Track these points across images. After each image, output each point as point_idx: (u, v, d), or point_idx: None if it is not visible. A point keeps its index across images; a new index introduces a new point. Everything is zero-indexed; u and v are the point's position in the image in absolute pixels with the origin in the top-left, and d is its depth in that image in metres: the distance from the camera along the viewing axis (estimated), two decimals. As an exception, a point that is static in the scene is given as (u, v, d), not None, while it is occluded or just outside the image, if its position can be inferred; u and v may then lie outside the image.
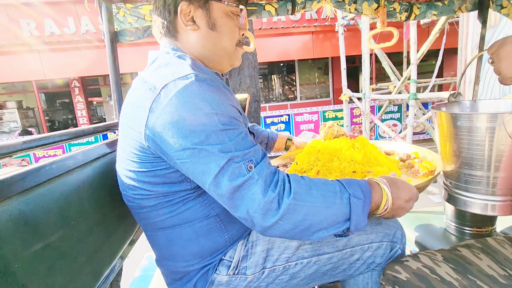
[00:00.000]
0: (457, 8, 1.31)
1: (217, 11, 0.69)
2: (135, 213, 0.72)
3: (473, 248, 0.73)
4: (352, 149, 0.96)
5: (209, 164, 0.54)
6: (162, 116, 0.55)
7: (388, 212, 0.65)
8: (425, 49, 3.89)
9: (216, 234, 0.70)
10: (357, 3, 1.20)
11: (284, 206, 0.54)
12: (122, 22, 1.14)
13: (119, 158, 0.70)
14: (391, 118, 6.32)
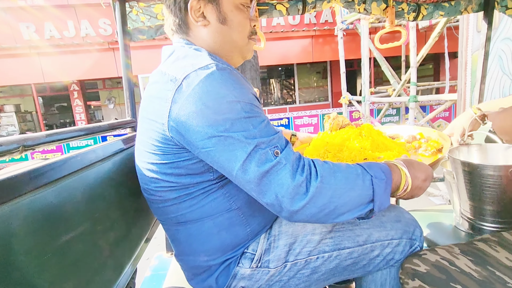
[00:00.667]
0: (463, 9, 1.33)
1: (227, 4, 0.69)
2: (156, 207, 0.72)
3: (489, 242, 0.73)
4: (360, 137, 0.96)
5: (235, 151, 0.54)
6: (185, 105, 0.55)
7: (407, 192, 0.65)
8: (424, 53, 3.95)
9: (237, 228, 0.70)
10: (366, 3, 1.22)
11: (312, 189, 0.54)
12: (135, 20, 1.15)
13: (139, 153, 0.70)
14: (390, 121, 6.38)
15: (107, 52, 6.88)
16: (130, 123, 1.08)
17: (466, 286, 0.61)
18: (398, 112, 6.30)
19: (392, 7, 1.23)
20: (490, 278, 0.62)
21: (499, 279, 0.61)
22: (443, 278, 0.63)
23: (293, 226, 0.75)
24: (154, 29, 1.14)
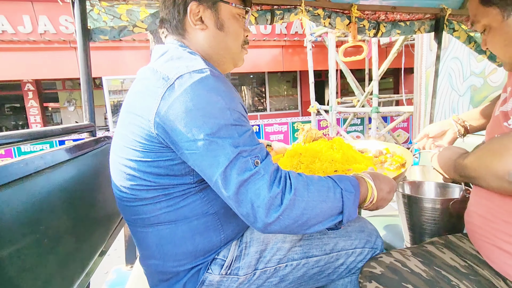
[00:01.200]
0: (417, 29, 1.46)
1: (225, 12, 0.72)
2: (126, 206, 0.68)
3: (437, 244, 0.79)
4: (331, 150, 1.00)
5: (218, 157, 0.55)
6: (175, 104, 0.55)
7: (373, 204, 0.68)
8: (385, 67, 4.23)
9: (212, 233, 0.69)
10: (331, 18, 1.29)
11: (285, 201, 0.55)
12: (96, 20, 1.09)
13: (117, 147, 0.67)
14: (355, 131, 6.70)
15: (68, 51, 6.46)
16: (87, 127, 1.02)
17: (415, 285, 0.65)
18: (362, 122, 6.65)
19: (354, 23, 1.30)
20: (436, 277, 0.66)
21: (444, 278, 0.66)
22: (396, 279, 0.67)
23: (265, 233, 0.75)
24: (118, 30, 1.10)
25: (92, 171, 0.87)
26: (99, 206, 0.89)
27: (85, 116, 1.06)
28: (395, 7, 1.37)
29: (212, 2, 0.70)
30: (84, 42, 1.04)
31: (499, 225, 0.64)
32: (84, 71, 1.04)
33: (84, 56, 1.04)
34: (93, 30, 1.08)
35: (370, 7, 1.34)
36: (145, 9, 1.12)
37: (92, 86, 1.07)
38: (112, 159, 0.69)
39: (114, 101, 7.31)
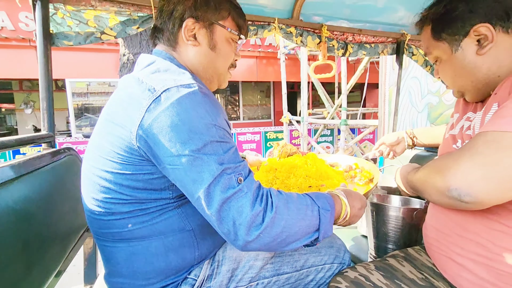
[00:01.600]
0: (380, 51, 1.57)
1: (220, 34, 0.73)
2: (97, 220, 0.64)
3: (398, 257, 0.84)
4: (305, 166, 1.03)
5: (202, 173, 0.54)
6: (160, 118, 0.54)
7: (346, 220, 0.70)
8: (353, 82, 4.46)
9: (186, 250, 0.67)
10: (303, 36, 1.34)
11: (267, 219, 0.55)
12: (60, 24, 1.03)
13: (91, 157, 0.63)
14: (325, 141, 6.93)
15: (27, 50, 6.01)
16: (46, 138, 0.95)
17: (377, 299, 0.68)
18: (332, 133, 6.90)
19: (324, 42, 1.37)
20: (396, 291, 0.70)
21: (404, 291, 0.70)
22: None
23: (237, 252, 0.74)
24: (84, 36, 1.05)
25: (50, 186, 0.81)
26: (57, 223, 0.82)
27: (43, 125, 0.99)
28: (361, 30, 1.46)
29: (208, 23, 0.71)
30: (45, 47, 0.97)
31: (453, 238, 0.69)
32: (44, 77, 0.97)
33: (44, 61, 0.97)
34: (56, 35, 1.02)
35: (339, 28, 1.42)
36: (115, 16, 1.08)
37: (52, 93, 1.00)
38: (85, 169, 0.66)
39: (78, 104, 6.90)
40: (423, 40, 0.80)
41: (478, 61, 0.68)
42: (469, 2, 0.66)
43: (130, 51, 3.24)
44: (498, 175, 0.53)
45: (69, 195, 0.92)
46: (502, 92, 0.63)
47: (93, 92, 7.27)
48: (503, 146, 0.53)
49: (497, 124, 0.56)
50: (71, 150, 1.02)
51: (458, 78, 0.74)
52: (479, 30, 0.65)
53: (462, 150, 0.61)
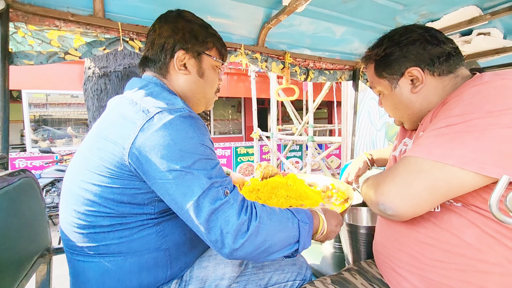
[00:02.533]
0: (339, 77, 1.72)
1: (207, 63, 0.82)
2: (75, 232, 0.65)
3: (352, 271, 0.90)
4: (286, 186, 1.09)
5: (192, 186, 0.59)
6: (153, 137, 0.59)
7: (323, 235, 0.76)
8: (319, 101, 4.70)
9: (160, 269, 0.69)
10: (268, 62, 1.43)
11: (251, 228, 0.61)
12: (21, 43, 1.01)
13: (77, 170, 0.67)
14: (294, 156, 7.12)
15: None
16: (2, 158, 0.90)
17: (331, 312, 0.73)
18: (301, 148, 7.13)
19: (287, 68, 1.47)
20: (348, 303, 0.76)
21: (354, 304, 0.76)
22: None
23: (204, 271, 0.76)
24: (46, 55, 1.03)
25: (2, 212, 0.77)
26: (9, 250, 0.78)
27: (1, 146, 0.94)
28: (321, 58, 1.59)
29: (197, 53, 0.79)
30: (3, 66, 0.94)
31: (393, 251, 0.78)
32: (1, 96, 0.94)
33: (2, 80, 0.94)
34: (16, 53, 0.99)
35: (300, 55, 1.54)
36: (80, 37, 1.08)
37: (8, 113, 0.96)
38: (68, 182, 0.69)
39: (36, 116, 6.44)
40: (368, 75, 0.91)
41: (412, 98, 0.79)
42: (403, 49, 0.78)
43: (96, 64, 3.16)
44: (410, 193, 0.64)
45: (23, 220, 0.88)
46: (425, 123, 0.74)
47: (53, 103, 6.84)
48: (414, 169, 0.64)
49: (412, 151, 0.67)
50: (27, 172, 0.97)
51: (397, 111, 0.85)
52: (412, 72, 0.77)
53: (388, 171, 0.71)
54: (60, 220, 0.71)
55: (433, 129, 0.65)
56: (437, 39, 0.76)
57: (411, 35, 0.78)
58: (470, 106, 0.61)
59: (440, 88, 0.76)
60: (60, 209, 0.71)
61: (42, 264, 1.06)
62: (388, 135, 3.45)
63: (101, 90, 3.15)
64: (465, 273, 0.63)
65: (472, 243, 0.62)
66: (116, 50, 3.11)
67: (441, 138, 0.62)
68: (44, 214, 1.04)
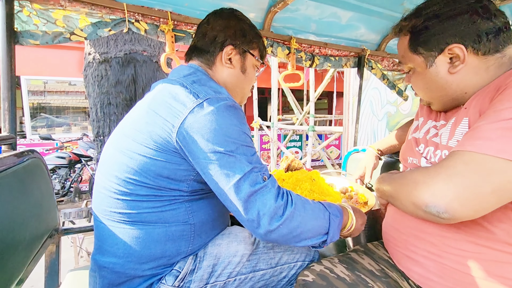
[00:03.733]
0: (344, 64, 1.70)
1: (249, 61, 0.88)
2: (111, 198, 0.70)
3: (358, 252, 0.92)
4: (310, 181, 1.10)
5: (234, 169, 0.63)
6: (201, 120, 0.63)
7: (349, 232, 0.79)
8: (320, 90, 4.68)
9: (183, 242, 0.73)
10: (273, 47, 1.41)
11: (287, 213, 0.64)
12: (26, 22, 0.99)
13: (123, 139, 0.71)
14: (294, 146, 7.14)
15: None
16: (7, 139, 0.90)
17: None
18: (301, 139, 7.14)
19: (293, 54, 1.46)
20: (356, 281, 0.77)
21: (363, 281, 0.77)
22: (324, 285, 0.75)
23: (218, 248, 0.79)
24: (51, 35, 1.01)
25: (12, 191, 0.77)
26: (18, 230, 0.79)
27: (4, 126, 0.94)
28: (326, 44, 1.58)
29: (243, 50, 0.85)
30: (9, 45, 0.93)
31: (409, 237, 0.77)
32: (7, 76, 0.93)
33: (7, 60, 0.93)
34: (21, 33, 0.98)
35: (306, 41, 1.52)
36: (85, 17, 1.06)
37: (15, 93, 0.96)
38: (112, 149, 0.72)
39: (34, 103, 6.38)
40: (399, 48, 0.81)
41: (449, 78, 0.71)
42: (446, 22, 0.68)
43: (96, 50, 3.11)
44: (475, 196, 0.55)
45: (33, 200, 0.88)
46: (472, 109, 0.66)
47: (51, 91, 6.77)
48: (480, 169, 0.55)
49: (475, 146, 0.57)
50: (35, 152, 0.97)
51: (428, 91, 0.78)
52: (453, 50, 0.68)
53: (439, 168, 0.62)
54: (95, 186, 0.76)
55: (498, 119, 0.56)
56: (489, 11, 0.66)
57: (458, 6, 0.68)
58: None
59: (482, 69, 0.68)
60: (98, 175, 0.76)
61: (51, 244, 1.07)
62: (389, 125, 3.45)
63: (101, 76, 3.12)
64: (487, 262, 0.63)
65: (502, 237, 0.61)
66: (116, 36, 3.08)
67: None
68: (52, 195, 1.05)
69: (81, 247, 2.61)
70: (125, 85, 3.19)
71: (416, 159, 0.82)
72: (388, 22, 1.51)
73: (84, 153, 4.48)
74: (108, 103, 3.18)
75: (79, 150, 4.52)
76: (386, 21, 1.51)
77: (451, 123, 0.72)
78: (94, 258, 0.75)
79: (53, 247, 1.09)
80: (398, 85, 2.00)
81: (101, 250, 0.73)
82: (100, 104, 3.19)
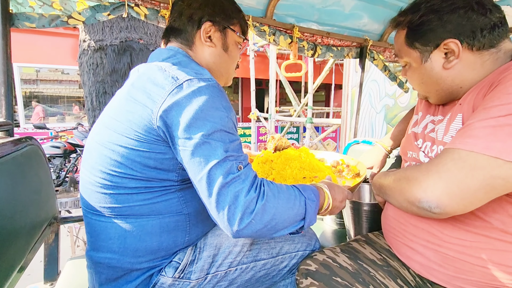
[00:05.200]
0: (346, 54, 1.68)
1: (231, 38, 0.83)
2: (99, 193, 0.67)
3: (360, 241, 0.93)
4: (300, 158, 1.07)
5: (208, 156, 0.59)
6: (181, 102, 0.59)
7: (327, 211, 0.76)
8: (318, 82, 4.66)
9: (179, 233, 0.71)
10: (276, 35, 1.39)
11: (258, 207, 0.60)
12: (21, 4, 0.95)
13: (104, 131, 0.67)
14: (291, 138, 7.15)
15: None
16: (3, 126, 0.88)
17: (343, 278, 0.75)
18: (298, 131, 7.15)
19: (295, 42, 1.43)
20: (359, 270, 0.78)
21: (365, 270, 0.78)
22: (327, 274, 0.76)
23: (218, 238, 0.78)
24: (48, 18, 0.98)
25: (10, 178, 0.76)
26: (19, 217, 0.77)
27: (0, 112, 0.91)
28: (329, 33, 1.55)
29: (222, 27, 0.80)
30: (4, 28, 0.90)
31: (408, 227, 0.78)
32: (3, 60, 0.90)
33: (3, 43, 0.90)
34: (17, 15, 0.94)
35: (309, 30, 1.50)
36: (83, 0, 1.03)
37: (12, 78, 0.93)
38: (94, 142, 0.69)
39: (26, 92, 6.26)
40: (396, 43, 0.82)
41: (443, 74, 0.72)
42: (443, 18, 0.69)
43: (91, 37, 3.04)
44: (462, 191, 0.58)
45: (31, 188, 0.87)
46: (466, 105, 0.68)
47: (44, 80, 6.64)
48: (466, 165, 0.57)
49: (464, 143, 0.59)
50: (33, 139, 0.95)
51: (424, 85, 0.79)
52: (448, 45, 0.69)
53: (430, 165, 0.64)
54: (81, 181, 0.72)
55: (487, 117, 0.57)
56: (484, 7, 0.67)
57: (455, 1, 0.68)
58: None
59: (478, 64, 0.69)
60: (82, 170, 0.72)
61: (51, 232, 1.06)
62: (387, 118, 3.46)
63: (97, 65, 3.05)
64: (485, 251, 0.64)
65: (498, 226, 0.62)
66: (112, 22, 3.00)
67: (501, 130, 0.55)
68: (51, 183, 1.03)
69: (77, 236, 2.61)
70: (121, 74, 3.13)
71: (415, 153, 0.82)
72: (391, 12, 1.49)
73: (79, 143, 4.43)
74: (103, 92, 3.12)
75: (74, 139, 4.47)
76: (390, 10, 1.49)
77: (447, 118, 0.73)
78: (89, 255, 0.73)
79: (52, 235, 1.08)
80: (399, 76, 1.99)
81: (95, 246, 0.71)
82: (95, 93, 3.13)
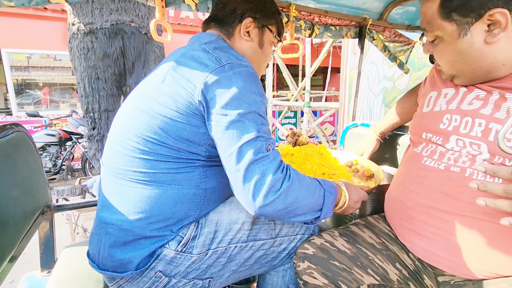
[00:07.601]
0: (344, 34, 1.62)
1: (267, 37, 0.89)
2: (127, 156, 0.70)
3: (359, 225, 0.92)
4: (319, 155, 1.10)
5: (241, 134, 0.63)
6: (222, 80, 0.65)
7: (342, 209, 0.79)
8: (316, 65, 4.57)
9: (192, 206, 0.73)
10: (271, 14, 1.32)
11: (284, 187, 0.64)
12: (-3, -20, 0.89)
13: (147, 100, 0.70)
14: (289, 123, 7.10)
15: None
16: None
17: (341, 261, 0.74)
18: (295, 115, 7.09)
19: (292, 22, 1.37)
20: (357, 253, 0.77)
21: (363, 254, 0.77)
22: (325, 258, 0.75)
23: (219, 215, 0.79)
24: (28, -4, 0.91)
25: (-4, 165, 0.73)
26: (6, 206, 0.75)
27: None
28: (327, 11, 1.49)
29: (262, 25, 0.86)
30: (-20, 6, 0.84)
31: (417, 213, 0.76)
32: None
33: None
34: (-7, -8, 0.87)
35: (306, 8, 1.43)
36: (65, -24, 0.96)
37: None
38: (134, 107, 0.73)
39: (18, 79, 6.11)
40: (424, 14, 0.71)
41: (485, 49, 0.64)
42: None
43: (80, 20, 2.92)
44: None
45: (20, 176, 0.84)
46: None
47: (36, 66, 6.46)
48: None
49: None
50: (19, 126, 0.91)
51: (458, 63, 0.69)
52: (494, 16, 0.60)
53: None
54: (109, 143, 0.76)
55: None
56: None
57: None
58: None
59: None
60: (112, 132, 0.75)
61: (44, 221, 1.04)
62: (385, 101, 3.42)
63: (88, 49, 2.95)
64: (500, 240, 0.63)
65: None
66: (101, 4, 2.88)
67: None
68: (42, 171, 1.00)
69: (76, 223, 2.61)
70: (113, 58, 3.03)
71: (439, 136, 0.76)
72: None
73: (74, 131, 4.36)
74: (96, 78, 3.04)
75: (69, 127, 4.40)
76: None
77: (496, 94, 0.66)
78: (100, 216, 0.74)
79: (46, 224, 1.06)
80: (399, 57, 1.93)
81: (109, 208, 0.73)
82: (88, 79, 3.05)
